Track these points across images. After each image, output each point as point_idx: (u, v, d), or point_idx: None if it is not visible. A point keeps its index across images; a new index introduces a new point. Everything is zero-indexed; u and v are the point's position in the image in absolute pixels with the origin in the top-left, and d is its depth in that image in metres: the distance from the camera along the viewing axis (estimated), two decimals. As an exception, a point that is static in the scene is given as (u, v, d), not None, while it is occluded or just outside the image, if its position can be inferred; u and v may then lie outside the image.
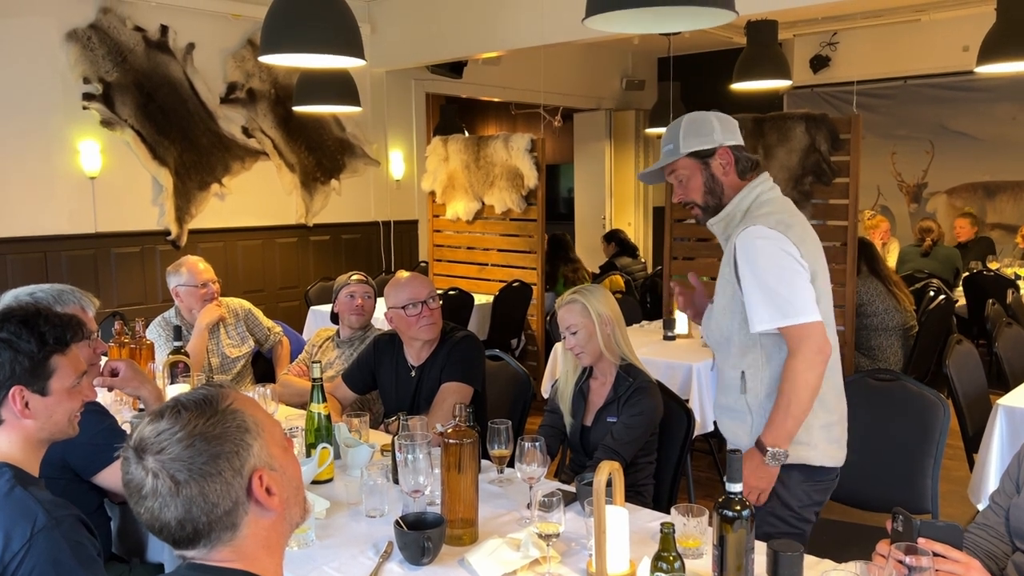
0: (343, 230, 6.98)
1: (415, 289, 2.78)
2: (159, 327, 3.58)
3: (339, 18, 2.74)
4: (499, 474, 2.26)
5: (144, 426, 1.13)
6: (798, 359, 2.00)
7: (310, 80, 4.45)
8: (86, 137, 5.39)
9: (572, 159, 10.08)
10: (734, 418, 2.18)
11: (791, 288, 1.99)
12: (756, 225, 2.05)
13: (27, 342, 1.60)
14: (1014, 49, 4.51)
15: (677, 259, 5.27)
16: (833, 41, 8.48)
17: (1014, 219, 7.87)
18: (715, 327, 2.20)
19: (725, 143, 2.13)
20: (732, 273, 2.09)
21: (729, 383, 2.19)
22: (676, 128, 2.17)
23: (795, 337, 2.00)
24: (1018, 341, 4.05)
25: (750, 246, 2.03)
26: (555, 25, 5.69)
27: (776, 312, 1.99)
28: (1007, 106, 7.78)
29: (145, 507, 1.12)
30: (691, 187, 2.19)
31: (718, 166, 2.14)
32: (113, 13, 5.45)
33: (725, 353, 2.20)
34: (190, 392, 1.19)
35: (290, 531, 1.23)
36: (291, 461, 1.22)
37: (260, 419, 1.18)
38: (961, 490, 3.29)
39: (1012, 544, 1.84)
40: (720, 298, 2.15)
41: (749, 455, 2.08)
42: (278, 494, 1.17)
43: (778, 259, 2.01)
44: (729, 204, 2.15)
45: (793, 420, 2.02)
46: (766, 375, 2.10)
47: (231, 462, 1.12)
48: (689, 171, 2.17)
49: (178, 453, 1.10)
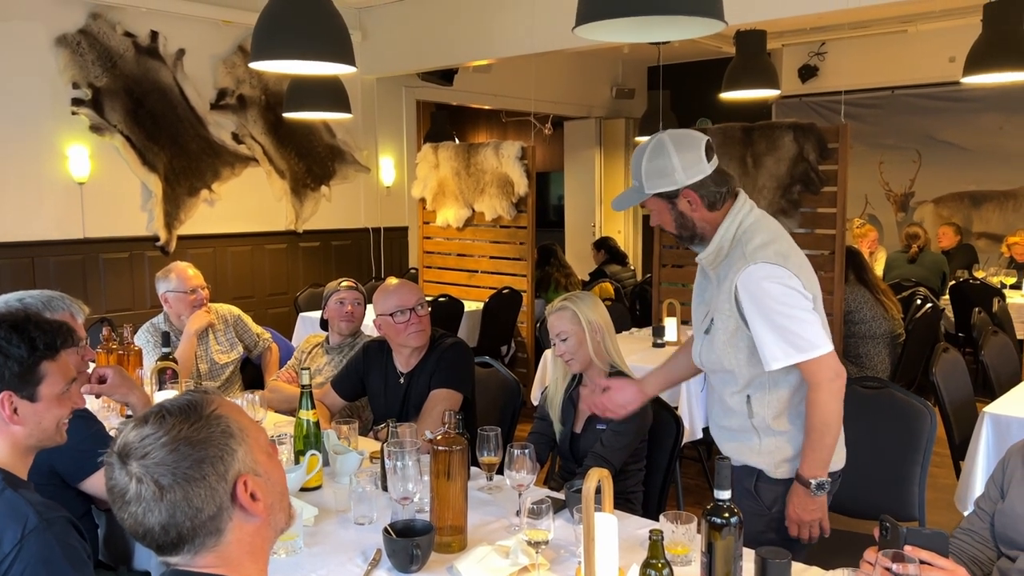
0: (333, 236, 6.97)
1: (403, 296, 2.79)
2: (147, 333, 3.56)
3: (330, 25, 2.74)
4: (488, 481, 2.26)
5: (128, 431, 1.13)
6: (822, 392, 1.99)
7: (301, 87, 4.45)
8: (75, 142, 5.37)
9: (562, 167, 10.10)
10: (739, 439, 2.16)
11: (802, 324, 1.97)
12: (757, 264, 1.99)
13: (17, 347, 1.59)
14: (999, 60, 4.56)
15: (666, 266, 5.30)
16: (821, 51, 8.55)
17: (1000, 228, 7.93)
18: (715, 359, 2.14)
19: (688, 183, 2.03)
20: (734, 309, 2.04)
21: (733, 408, 2.15)
22: (638, 166, 2.08)
23: (813, 371, 1.99)
24: (1004, 349, 4.08)
25: (755, 288, 1.99)
26: (546, 34, 5.71)
27: (791, 349, 1.97)
28: (993, 116, 7.85)
29: (129, 512, 1.11)
30: (664, 220, 2.14)
31: (685, 204, 2.07)
32: (103, 19, 5.44)
33: (726, 380, 2.16)
34: (175, 398, 1.18)
35: (275, 537, 1.23)
36: (276, 467, 1.22)
37: (245, 425, 1.18)
38: (948, 498, 3.31)
39: (997, 550, 1.85)
40: (721, 333, 2.09)
41: (794, 492, 2.06)
42: (263, 499, 1.17)
43: (785, 297, 1.98)
44: (714, 239, 2.09)
45: (827, 449, 2.02)
46: (773, 399, 2.09)
47: (215, 467, 1.12)
48: (657, 208, 2.13)
49: (162, 458, 1.10)
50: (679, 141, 2.05)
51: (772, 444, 2.11)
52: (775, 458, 2.12)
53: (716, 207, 2.07)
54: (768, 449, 2.10)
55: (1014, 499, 1.82)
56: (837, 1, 4.54)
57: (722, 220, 2.08)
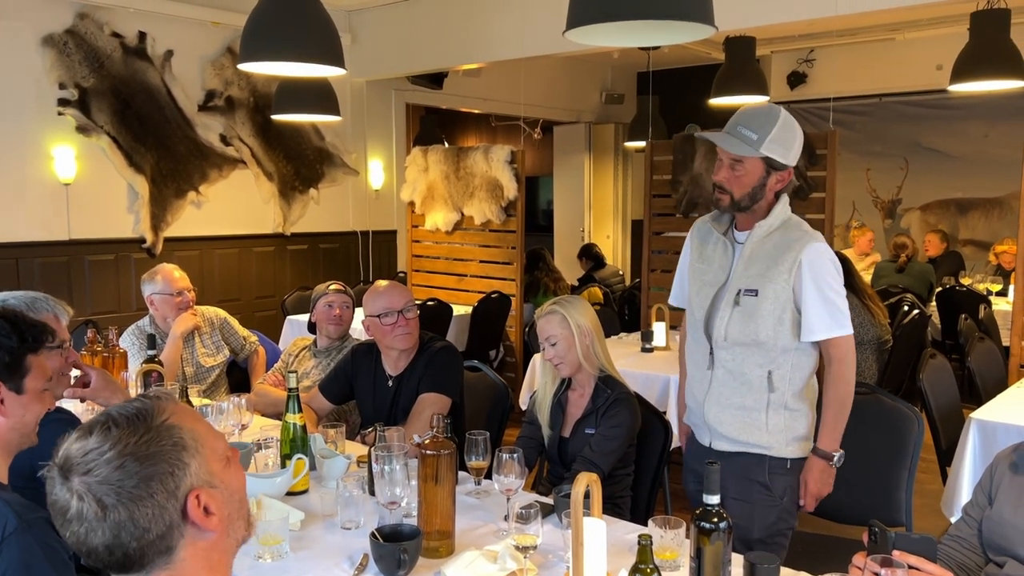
0: (321, 239, 6.95)
1: (392, 298, 2.77)
2: (133, 335, 3.53)
3: (319, 27, 2.73)
4: (476, 486, 2.25)
5: (71, 443, 1.06)
6: (846, 365, 2.18)
7: (289, 89, 4.43)
8: (61, 143, 5.33)
9: (552, 171, 10.11)
10: (746, 415, 2.22)
11: (845, 303, 2.18)
12: (821, 243, 2.18)
13: (8, 338, 1.58)
14: (986, 68, 4.60)
15: (655, 271, 5.30)
16: (810, 58, 8.60)
17: (986, 235, 7.99)
18: (751, 330, 2.19)
19: (792, 164, 2.20)
20: (790, 281, 2.16)
21: (752, 382, 2.21)
22: (768, 122, 2.14)
23: (842, 347, 2.18)
24: (990, 355, 4.10)
25: (820, 262, 2.15)
26: (535, 38, 5.71)
27: (833, 324, 2.15)
28: (980, 124, 7.91)
29: (71, 531, 1.05)
30: (743, 181, 2.19)
31: (775, 181, 2.19)
32: (91, 19, 5.40)
33: (749, 354, 2.22)
34: (123, 404, 1.10)
35: (236, 547, 1.17)
36: (234, 475, 1.15)
37: (199, 433, 1.11)
38: (934, 503, 3.32)
39: (985, 556, 1.85)
40: (768, 303, 2.17)
41: (814, 466, 2.20)
42: (217, 513, 1.10)
43: (839, 276, 2.18)
44: (771, 216, 2.21)
45: (843, 421, 2.19)
46: (796, 377, 2.22)
47: (165, 484, 1.05)
48: (752, 167, 2.18)
49: (106, 475, 1.02)
50: (800, 128, 2.22)
51: (783, 422, 2.20)
52: (786, 436, 2.20)
53: (783, 193, 2.23)
54: (777, 427, 2.20)
55: (1002, 505, 1.82)
56: (826, 8, 4.56)
57: (775, 205, 2.22)
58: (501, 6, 5.90)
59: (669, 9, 1.91)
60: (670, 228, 5.22)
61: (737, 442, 2.23)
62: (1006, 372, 4.05)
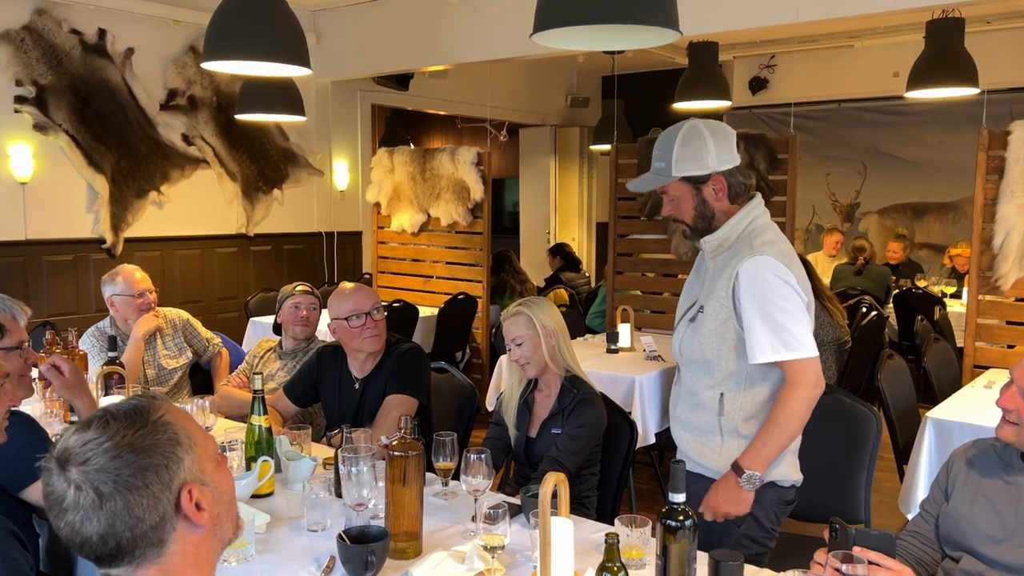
0: (285, 240, 6.88)
1: (359, 300, 2.76)
2: (93, 337, 3.48)
3: (284, 26, 2.71)
4: (444, 487, 2.25)
5: (69, 436, 1.08)
6: (798, 391, 1.98)
7: (254, 88, 4.39)
8: (17, 141, 5.21)
9: (517, 174, 10.14)
10: (700, 436, 2.14)
11: (794, 321, 1.98)
12: (763, 256, 2.01)
13: None
14: (941, 76, 4.72)
15: (621, 274, 5.35)
16: (771, 64, 8.73)
17: (941, 239, 8.18)
18: (696, 348, 2.12)
19: (719, 169, 2.06)
20: (729, 299, 2.05)
21: (703, 402, 2.13)
22: (669, 145, 2.08)
23: (795, 370, 1.99)
24: (945, 356, 4.20)
25: (757, 277, 2.00)
26: (501, 41, 5.73)
27: (779, 345, 1.97)
28: (935, 130, 8.10)
29: (65, 521, 1.07)
30: (682, 207, 2.13)
31: (710, 192, 2.08)
32: (48, 15, 5.30)
33: (701, 373, 2.14)
34: (120, 402, 1.14)
35: (221, 548, 1.20)
36: (224, 477, 1.18)
37: (192, 432, 1.14)
38: (892, 501, 3.39)
39: (941, 551, 1.90)
40: (710, 321, 2.09)
41: (724, 480, 2.04)
42: (208, 510, 1.13)
43: (784, 292, 1.99)
44: (723, 228, 2.10)
45: (776, 448, 2.01)
46: (747, 400, 2.09)
47: (160, 475, 1.08)
48: (680, 193, 2.11)
49: (104, 464, 1.05)
50: (714, 128, 2.09)
51: (735, 447, 2.08)
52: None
53: (738, 199, 2.11)
54: (730, 452, 2.08)
55: (958, 501, 1.87)
56: (787, 15, 4.64)
57: (736, 213, 2.11)
58: (468, 8, 5.91)
59: (634, 14, 1.93)
60: (635, 231, 5.27)
61: (692, 461, 2.16)
62: (960, 372, 4.15)
